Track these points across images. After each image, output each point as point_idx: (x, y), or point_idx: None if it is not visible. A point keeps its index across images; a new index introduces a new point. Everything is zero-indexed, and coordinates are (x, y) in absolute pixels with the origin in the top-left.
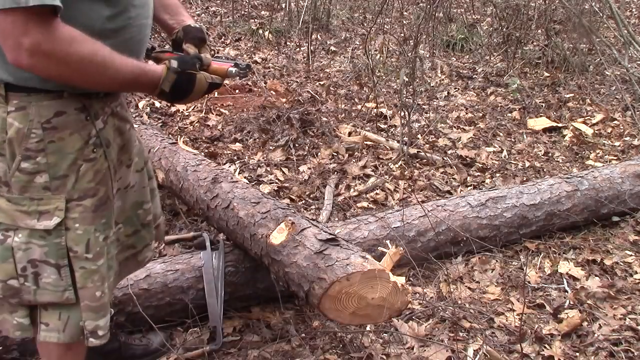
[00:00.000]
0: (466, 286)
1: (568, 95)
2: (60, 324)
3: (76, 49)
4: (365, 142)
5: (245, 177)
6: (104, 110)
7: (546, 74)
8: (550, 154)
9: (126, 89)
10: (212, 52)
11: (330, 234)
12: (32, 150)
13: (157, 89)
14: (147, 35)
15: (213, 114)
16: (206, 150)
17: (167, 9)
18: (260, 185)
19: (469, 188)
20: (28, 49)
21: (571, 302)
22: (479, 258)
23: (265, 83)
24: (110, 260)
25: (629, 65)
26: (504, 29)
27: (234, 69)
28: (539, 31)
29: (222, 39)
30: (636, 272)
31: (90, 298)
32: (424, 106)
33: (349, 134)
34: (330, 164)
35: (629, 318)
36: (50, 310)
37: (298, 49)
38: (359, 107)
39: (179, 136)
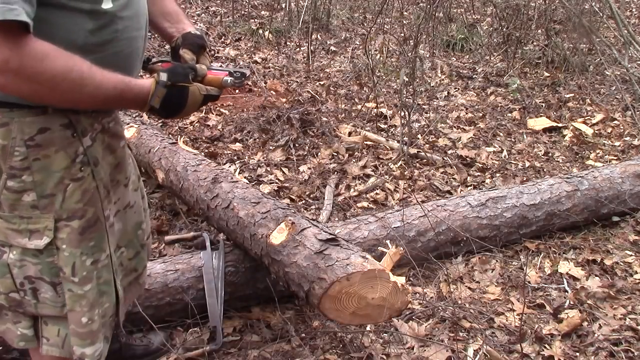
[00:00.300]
0: (466, 286)
1: (568, 95)
2: (59, 340)
3: (48, 65)
4: (365, 142)
5: (245, 177)
6: (93, 126)
7: (546, 74)
8: (550, 154)
9: (111, 106)
10: (211, 60)
11: (330, 234)
12: (17, 168)
13: (146, 106)
14: (139, 48)
15: (213, 114)
16: (206, 150)
17: (167, 16)
18: (260, 185)
19: (469, 188)
20: None
21: (571, 302)
22: (479, 258)
23: (265, 83)
24: (104, 286)
25: (629, 65)
26: (504, 29)
27: (228, 79)
28: (539, 31)
29: (222, 39)
30: (636, 272)
31: (77, 323)
32: (424, 106)
33: (349, 134)
34: (330, 164)
35: (629, 318)
36: (50, 325)
37: (298, 49)
38: (359, 107)
39: (179, 136)
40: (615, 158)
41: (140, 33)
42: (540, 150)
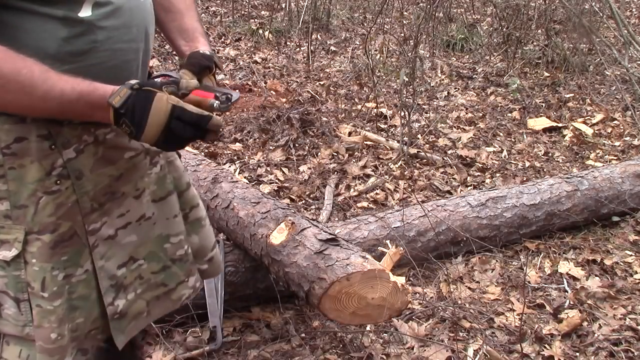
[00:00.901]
0: (466, 286)
1: (568, 95)
2: None
3: None
4: (365, 142)
5: (245, 177)
6: (82, 138)
7: (546, 74)
8: (550, 154)
9: (69, 112)
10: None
11: (330, 234)
12: None
13: (105, 108)
14: (129, 61)
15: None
16: (206, 150)
17: (183, 34)
18: (260, 185)
19: (469, 188)
20: None
21: (571, 302)
22: (479, 258)
23: (265, 83)
24: (77, 301)
25: (629, 65)
26: (504, 29)
27: (215, 102)
28: (539, 31)
29: (222, 39)
30: (636, 272)
31: (45, 339)
32: (424, 106)
33: (349, 134)
34: (330, 164)
35: (629, 318)
36: (11, 345)
37: (298, 49)
38: (359, 107)
39: None
40: (615, 158)
41: (132, 45)
42: (540, 150)
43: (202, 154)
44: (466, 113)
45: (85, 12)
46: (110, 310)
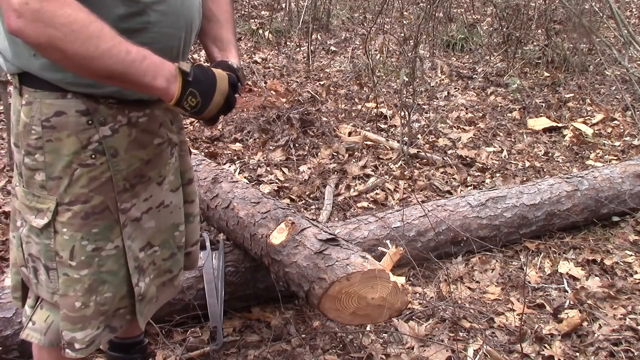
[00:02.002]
0: (466, 286)
1: (568, 95)
2: (44, 327)
3: (68, 11)
4: (365, 142)
5: (245, 177)
6: (116, 118)
7: (546, 74)
8: (550, 154)
9: (131, 74)
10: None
11: (330, 234)
12: (32, 147)
13: (173, 74)
14: (174, 47)
15: None
16: (206, 150)
17: (216, 42)
18: (260, 185)
19: (469, 188)
20: (16, 8)
21: (571, 302)
22: (479, 258)
23: (265, 83)
24: (106, 275)
25: (629, 65)
26: (504, 29)
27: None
28: (539, 31)
29: None
30: (636, 272)
31: (69, 307)
32: (424, 106)
33: (349, 134)
34: (330, 164)
35: (629, 318)
36: (43, 310)
37: (298, 49)
38: (359, 107)
39: None
40: (615, 158)
41: (178, 33)
42: (540, 150)
43: (202, 154)
44: (466, 113)
45: None
46: (137, 290)
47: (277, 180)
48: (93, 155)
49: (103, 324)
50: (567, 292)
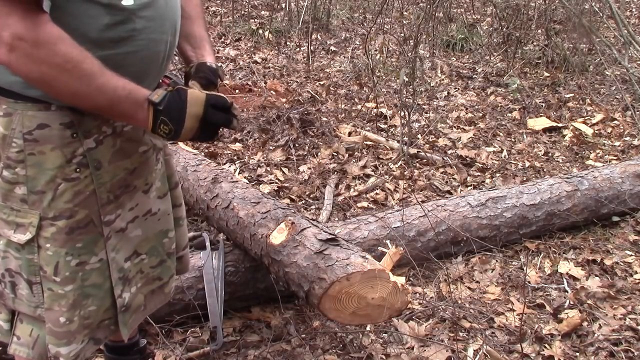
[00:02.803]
0: (466, 286)
1: (568, 95)
2: (30, 340)
3: (62, 48)
4: (365, 142)
5: (245, 177)
6: (101, 129)
7: (546, 74)
8: (550, 154)
9: (116, 109)
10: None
11: (330, 234)
12: (12, 160)
13: (146, 105)
14: (160, 52)
15: None
16: (206, 150)
17: (189, 39)
18: (260, 185)
19: (469, 188)
20: (8, 42)
21: (571, 302)
22: (479, 258)
23: (265, 83)
24: (90, 288)
25: (629, 65)
26: (504, 29)
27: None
28: (539, 31)
29: (222, 39)
30: (636, 272)
31: (54, 322)
32: (424, 106)
33: (349, 134)
34: (330, 164)
35: (629, 318)
36: (24, 324)
37: (298, 49)
38: (359, 107)
39: None
40: (615, 158)
41: (164, 37)
42: (540, 150)
43: (202, 154)
44: (466, 113)
45: (128, 1)
46: (119, 302)
47: (277, 180)
48: (77, 169)
49: (87, 337)
50: (567, 292)
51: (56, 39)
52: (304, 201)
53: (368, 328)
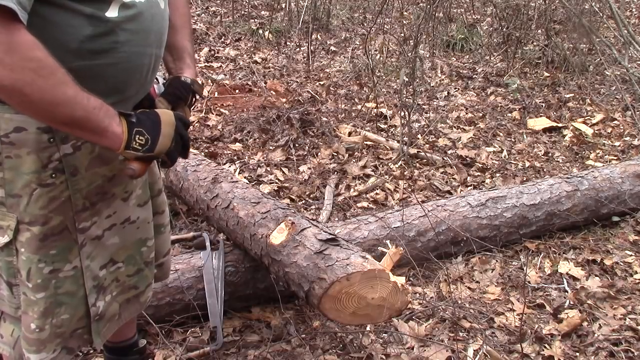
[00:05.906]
0: (466, 286)
1: (568, 95)
2: (11, 340)
3: (37, 55)
4: (365, 142)
5: (245, 177)
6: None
7: (546, 74)
8: (550, 154)
9: (92, 119)
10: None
11: (330, 234)
12: None
13: (120, 119)
14: (144, 65)
15: (213, 114)
16: (206, 150)
17: (171, 50)
18: (260, 185)
19: (469, 188)
20: None
21: (571, 302)
22: (479, 258)
23: (265, 83)
24: (63, 297)
25: (629, 65)
26: (504, 29)
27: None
28: (539, 31)
29: (222, 39)
30: (636, 272)
31: (27, 327)
32: (424, 106)
33: (349, 134)
34: (330, 164)
35: (629, 318)
36: (7, 323)
37: (298, 49)
38: (359, 107)
39: None
40: (615, 158)
41: (148, 50)
42: (540, 150)
43: (202, 154)
44: (466, 113)
45: (112, 13)
46: (93, 311)
47: (277, 180)
48: (53, 175)
49: (59, 346)
50: (567, 292)
51: (30, 44)
52: (304, 201)
53: (368, 328)
